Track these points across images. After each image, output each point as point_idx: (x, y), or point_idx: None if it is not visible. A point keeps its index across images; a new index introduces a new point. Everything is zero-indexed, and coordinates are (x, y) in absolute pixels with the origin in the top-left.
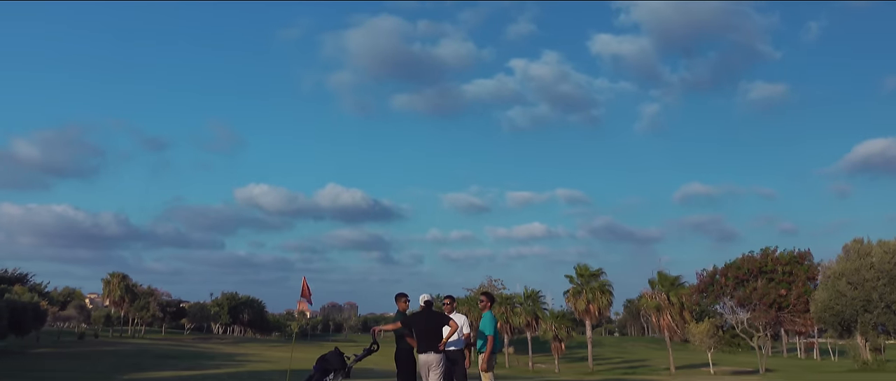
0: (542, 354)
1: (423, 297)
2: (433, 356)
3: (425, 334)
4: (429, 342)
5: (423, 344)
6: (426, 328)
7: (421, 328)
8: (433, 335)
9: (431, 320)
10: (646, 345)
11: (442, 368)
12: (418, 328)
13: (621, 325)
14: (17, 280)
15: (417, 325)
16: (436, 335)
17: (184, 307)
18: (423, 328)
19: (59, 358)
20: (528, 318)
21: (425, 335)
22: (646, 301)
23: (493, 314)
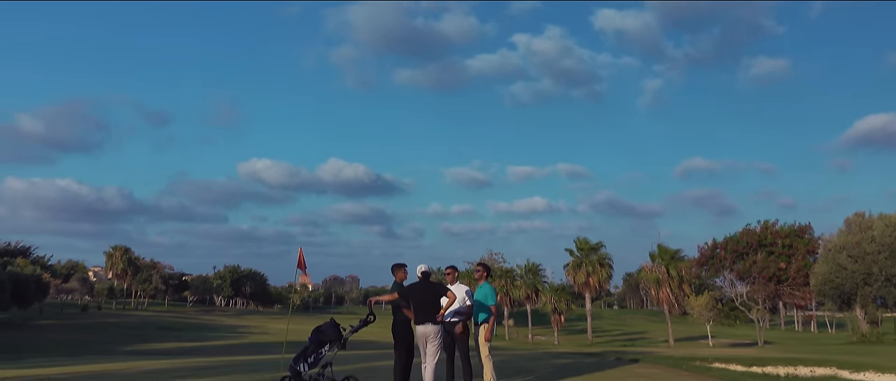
0: (541, 326)
1: (420, 267)
2: (430, 327)
3: (422, 305)
4: (426, 313)
5: (420, 315)
6: (423, 298)
7: (418, 299)
8: (431, 306)
9: (429, 290)
10: (644, 318)
11: (440, 339)
12: (415, 299)
13: (620, 298)
14: (20, 253)
15: (414, 296)
16: (433, 306)
17: (186, 280)
18: (420, 298)
19: (62, 330)
20: (528, 291)
21: (422, 306)
22: (645, 274)
23: (491, 285)
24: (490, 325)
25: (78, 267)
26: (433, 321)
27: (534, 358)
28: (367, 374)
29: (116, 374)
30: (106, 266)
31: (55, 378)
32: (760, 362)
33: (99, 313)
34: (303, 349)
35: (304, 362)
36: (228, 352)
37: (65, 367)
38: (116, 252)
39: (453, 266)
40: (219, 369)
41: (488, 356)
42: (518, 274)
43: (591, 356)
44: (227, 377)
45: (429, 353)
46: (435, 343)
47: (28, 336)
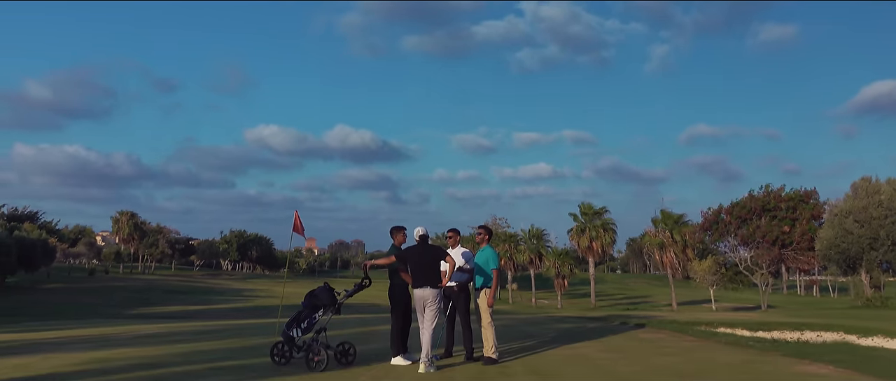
0: (545, 290)
1: (417, 230)
2: (429, 291)
3: (420, 268)
4: (424, 277)
5: (418, 279)
6: (422, 262)
7: (416, 262)
8: (429, 269)
9: (427, 254)
10: (647, 282)
11: (438, 304)
12: (412, 263)
13: (623, 263)
14: (27, 218)
15: (412, 259)
16: (431, 269)
17: (193, 245)
18: (417, 262)
19: (69, 293)
20: (532, 255)
21: (420, 270)
22: (649, 239)
23: (494, 249)
24: (492, 290)
25: (85, 232)
26: (432, 285)
27: (536, 322)
28: (363, 339)
29: (113, 338)
30: (112, 231)
31: (50, 342)
32: (766, 326)
33: (106, 277)
34: (296, 314)
35: (297, 327)
36: (232, 315)
37: (62, 331)
38: (123, 217)
39: (455, 229)
40: (216, 333)
41: (490, 323)
42: (522, 239)
43: (595, 320)
44: (222, 342)
45: (426, 317)
46: (433, 308)
47: (34, 300)
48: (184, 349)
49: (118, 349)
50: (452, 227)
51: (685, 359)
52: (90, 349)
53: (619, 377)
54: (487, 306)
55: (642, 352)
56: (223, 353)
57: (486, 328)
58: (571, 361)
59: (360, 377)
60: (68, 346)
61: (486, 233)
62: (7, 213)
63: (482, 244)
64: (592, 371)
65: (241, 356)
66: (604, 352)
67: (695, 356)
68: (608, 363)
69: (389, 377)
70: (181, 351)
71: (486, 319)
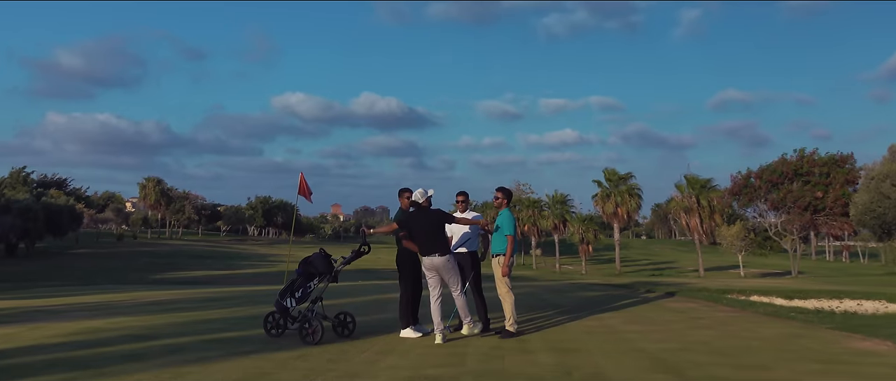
0: (569, 256)
1: (417, 192)
2: (438, 259)
3: (425, 235)
4: (431, 244)
5: (424, 247)
6: (425, 228)
7: (419, 229)
8: (435, 235)
9: (430, 218)
10: (672, 248)
11: (454, 271)
12: (416, 229)
13: (649, 228)
14: (56, 185)
15: (414, 225)
16: (436, 235)
17: (220, 210)
18: (420, 228)
19: (96, 258)
20: (556, 221)
21: (425, 237)
22: (675, 204)
23: (512, 213)
24: (507, 257)
25: (114, 198)
26: (439, 252)
27: (559, 290)
28: (364, 308)
29: (117, 305)
30: (140, 197)
31: (50, 310)
32: (801, 294)
33: (134, 243)
34: (289, 282)
35: (290, 296)
36: (254, 281)
37: (70, 297)
38: (149, 183)
39: (464, 192)
40: (226, 300)
41: (508, 292)
42: (546, 204)
43: (621, 287)
44: (227, 311)
45: (451, 283)
46: (453, 274)
47: (60, 265)
48: (183, 319)
49: (115, 318)
50: (462, 190)
51: (721, 333)
52: (87, 317)
53: (649, 354)
54: (503, 275)
55: (673, 324)
56: (222, 323)
57: (504, 297)
58: (596, 334)
59: (364, 352)
60: (66, 314)
61: (504, 196)
62: (37, 180)
63: (500, 208)
64: (620, 347)
65: (240, 327)
66: (632, 324)
67: (732, 328)
68: (637, 336)
69: (396, 351)
70: (179, 321)
71: (502, 288)
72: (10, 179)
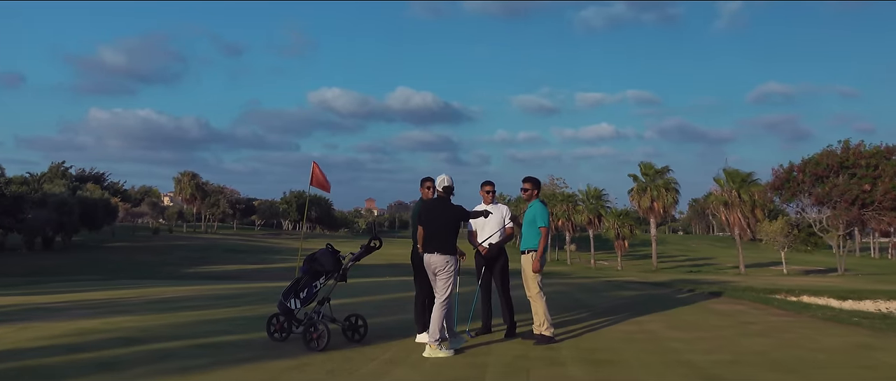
0: (604, 251)
1: (441, 179)
2: (437, 257)
3: (432, 229)
4: (433, 240)
5: (428, 242)
6: (433, 222)
7: (425, 221)
8: (441, 231)
9: (443, 212)
10: (710, 244)
11: (452, 273)
12: (424, 221)
13: (685, 223)
14: (94, 179)
15: (423, 217)
16: (444, 231)
17: (254, 205)
18: (429, 220)
19: (130, 252)
20: (591, 216)
21: (430, 231)
22: (714, 199)
23: (544, 204)
24: (538, 253)
25: (151, 192)
26: (440, 250)
27: (593, 289)
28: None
29: (122, 303)
30: (175, 191)
31: (51, 307)
32: (855, 294)
33: (169, 236)
34: (293, 281)
35: (294, 297)
36: (283, 276)
37: (80, 293)
38: (184, 178)
39: (490, 182)
40: (238, 297)
41: (539, 294)
42: (580, 199)
43: (660, 286)
44: (235, 310)
45: (437, 289)
46: (445, 277)
47: (94, 258)
48: (185, 319)
49: (113, 318)
50: (488, 179)
51: (778, 341)
52: (84, 316)
53: (698, 369)
54: (534, 272)
55: (722, 330)
56: (225, 324)
57: (535, 299)
58: (635, 342)
59: (372, 361)
60: (65, 312)
61: (533, 186)
62: (75, 174)
63: (529, 200)
64: (663, 358)
65: (244, 329)
66: (675, 330)
67: (789, 336)
68: (682, 345)
69: (408, 361)
70: (180, 321)
71: (533, 288)
72: (49, 174)
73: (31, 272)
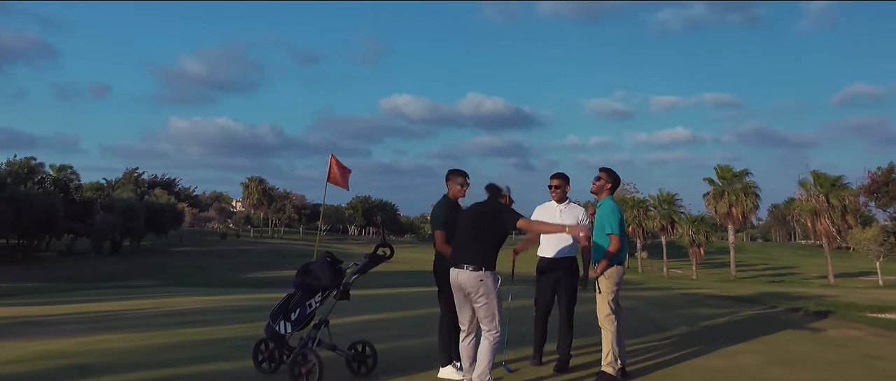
0: (677, 259)
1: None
2: (466, 274)
3: (462, 236)
4: (462, 251)
5: (456, 253)
6: (465, 225)
7: (459, 227)
8: (473, 238)
9: (480, 215)
10: (792, 251)
11: (490, 295)
12: (454, 226)
13: (764, 230)
14: (165, 185)
15: (455, 221)
16: (478, 239)
17: (320, 210)
18: (461, 226)
19: (194, 256)
20: (663, 222)
21: (462, 239)
22: (800, 204)
23: (616, 203)
24: (603, 262)
25: (222, 198)
26: (472, 263)
27: (668, 305)
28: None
29: (128, 316)
30: (242, 196)
31: (53, 320)
32: None
33: (236, 241)
34: (284, 299)
35: (284, 319)
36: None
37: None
38: (252, 183)
39: (561, 175)
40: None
41: (610, 317)
42: (652, 204)
43: (747, 302)
44: (243, 326)
45: (480, 315)
46: (484, 303)
47: (161, 261)
48: (177, 339)
49: (94, 336)
50: (559, 172)
51: None
52: (66, 334)
53: None
54: (607, 291)
55: (843, 368)
56: (220, 347)
57: (603, 324)
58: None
59: None
60: (49, 328)
61: (608, 178)
62: (148, 180)
63: (600, 196)
64: None
65: (238, 354)
66: (777, 366)
67: None
68: None
69: None
70: (168, 342)
71: (603, 310)
72: (122, 180)
73: (92, 277)
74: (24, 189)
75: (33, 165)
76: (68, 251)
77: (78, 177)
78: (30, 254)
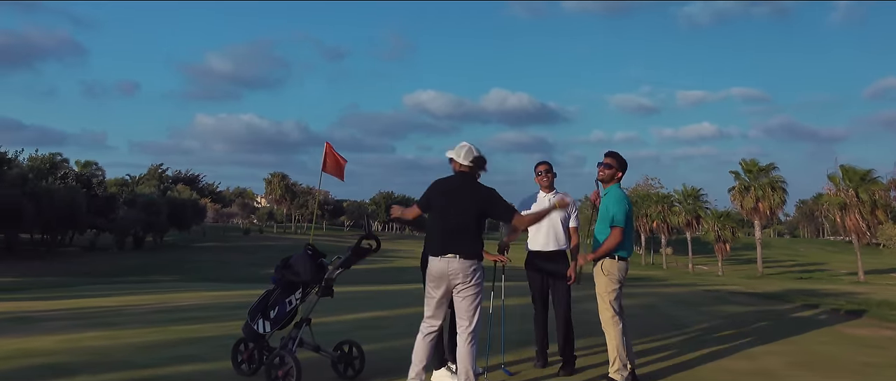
0: (703, 255)
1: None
2: (457, 263)
3: (445, 222)
4: (446, 238)
5: (436, 240)
6: (446, 210)
7: (440, 209)
8: (461, 225)
9: (463, 196)
10: (820, 247)
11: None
12: (434, 207)
13: (792, 226)
14: (189, 181)
15: (434, 203)
16: (466, 224)
17: (343, 206)
18: (441, 210)
19: (216, 252)
20: (689, 217)
21: (444, 225)
22: (828, 199)
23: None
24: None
25: (245, 193)
26: (461, 252)
27: (690, 302)
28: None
29: (125, 312)
30: (265, 192)
31: (48, 315)
32: None
33: (259, 237)
34: (262, 297)
35: (262, 318)
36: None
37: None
38: (274, 179)
39: (545, 162)
40: None
41: (614, 318)
42: (676, 199)
43: (773, 299)
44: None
45: (460, 310)
46: (471, 294)
47: (183, 256)
48: (161, 337)
49: (79, 334)
50: (543, 160)
51: None
52: (50, 331)
53: None
54: (606, 290)
55: (875, 374)
56: (205, 346)
57: (607, 325)
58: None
59: None
60: (44, 323)
61: (614, 163)
62: (171, 176)
63: (608, 182)
64: None
65: (221, 354)
66: (805, 370)
67: None
68: None
69: None
70: (152, 341)
71: (605, 311)
72: (146, 176)
73: (111, 272)
74: (45, 184)
75: (57, 160)
76: (91, 246)
77: (102, 173)
78: (53, 249)
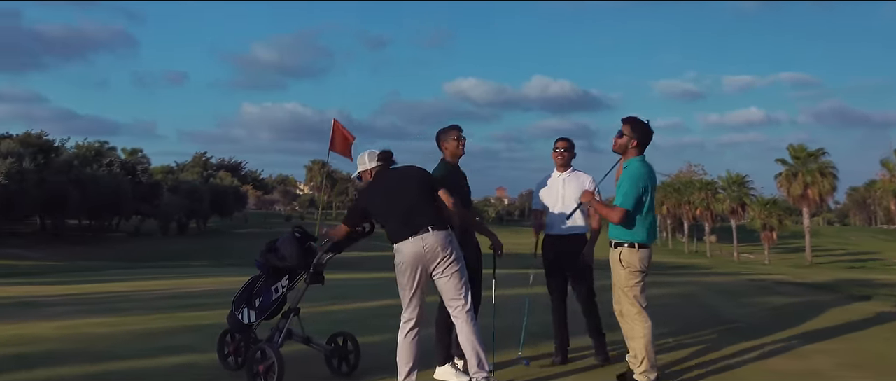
0: (748, 243)
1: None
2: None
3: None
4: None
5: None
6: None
7: (385, 205)
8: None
9: (397, 182)
10: (872, 236)
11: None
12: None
13: (842, 214)
14: (232, 168)
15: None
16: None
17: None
18: (387, 203)
19: (256, 238)
20: (733, 204)
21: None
22: (882, 185)
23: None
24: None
25: (288, 181)
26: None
27: (733, 292)
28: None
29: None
30: (306, 180)
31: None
32: None
33: (300, 223)
34: (247, 284)
35: (247, 307)
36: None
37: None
38: (315, 166)
39: (567, 139)
40: None
41: (641, 313)
42: (721, 186)
43: (823, 289)
44: None
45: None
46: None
47: (220, 242)
48: (157, 325)
49: (86, 319)
50: (563, 136)
51: None
52: (59, 316)
53: None
54: (628, 283)
55: None
56: (199, 336)
57: (634, 321)
58: None
59: None
60: (49, 309)
61: (631, 129)
62: (215, 163)
63: (626, 155)
64: None
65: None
66: (859, 372)
67: None
68: None
69: None
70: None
71: (625, 303)
72: (191, 164)
73: (151, 257)
74: (90, 171)
75: (103, 148)
76: (136, 232)
77: (148, 160)
78: (99, 234)
